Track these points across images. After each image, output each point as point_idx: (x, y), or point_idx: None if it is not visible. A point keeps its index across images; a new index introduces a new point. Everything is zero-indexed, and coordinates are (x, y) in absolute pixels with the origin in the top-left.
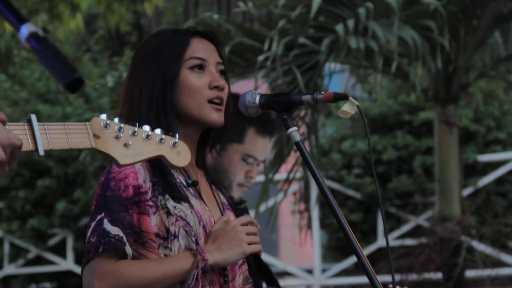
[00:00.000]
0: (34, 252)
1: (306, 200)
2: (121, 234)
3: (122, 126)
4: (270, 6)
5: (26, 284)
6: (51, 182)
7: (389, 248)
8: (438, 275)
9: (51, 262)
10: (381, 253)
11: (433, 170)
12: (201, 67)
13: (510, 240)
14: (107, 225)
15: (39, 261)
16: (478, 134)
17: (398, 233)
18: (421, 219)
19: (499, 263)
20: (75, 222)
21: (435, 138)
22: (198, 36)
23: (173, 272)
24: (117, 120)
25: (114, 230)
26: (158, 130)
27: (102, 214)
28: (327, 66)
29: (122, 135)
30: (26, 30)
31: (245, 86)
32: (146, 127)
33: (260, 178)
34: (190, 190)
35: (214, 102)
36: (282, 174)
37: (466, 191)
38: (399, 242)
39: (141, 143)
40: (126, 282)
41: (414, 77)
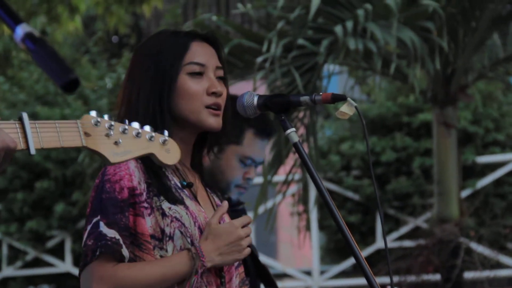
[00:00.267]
0: (32, 254)
1: (304, 202)
2: (117, 237)
3: (113, 123)
4: (269, 7)
5: (25, 286)
6: (50, 184)
7: (387, 249)
8: (437, 277)
9: (50, 264)
10: (379, 254)
11: (431, 171)
12: (199, 73)
13: (509, 241)
14: (104, 227)
15: (38, 263)
16: (476, 136)
17: (396, 234)
18: (419, 221)
19: (498, 265)
20: (74, 224)
21: (434, 139)
22: (198, 39)
23: (171, 274)
24: (107, 117)
25: (111, 233)
26: (148, 128)
27: (98, 217)
28: (326, 67)
29: (112, 133)
30: (21, 30)
31: (243, 88)
32: (136, 124)
33: (258, 179)
34: (185, 191)
35: (211, 108)
36: (280, 176)
37: (465, 193)
38: (398, 244)
39: (131, 141)
40: (125, 285)
41: (413, 78)
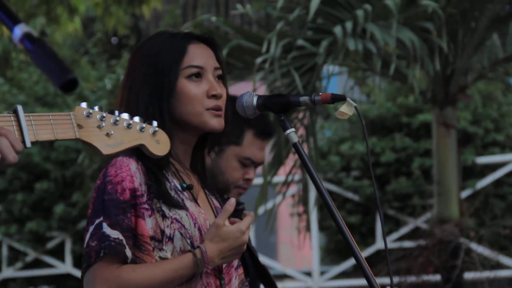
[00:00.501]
0: (32, 255)
1: (304, 202)
2: (120, 237)
3: (104, 115)
4: (268, 8)
5: (25, 287)
6: (49, 185)
7: (387, 250)
8: (437, 277)
9: (50, 265)
10: (379, 255)
11: (431, 172)
12: (198, 75)
13: (509, 242)
14: (107, 228)
15: (38, 264)
16: (476, 136)
17: (396, 235)
18: (419, 221)
19: (498, 265)
20: (74, 225)
21: (434, 140)
22: (196, 41)
23: (175, 277)
24: (97, 108)
25: (114, 234)
26: (137, 118)
27: (101, 218)
28: (325, 68)
29: (104, 125)
30: (19, 30)
31: (243, 89)
32: (126, 115)
33: (258, 180)
34: (185, 193)
35: (213, 109)
36: (280, 177)
37: (465, 193)
38: (398, 244)
39: (122, 132)
40: (129, 287)
41: (412, 79)
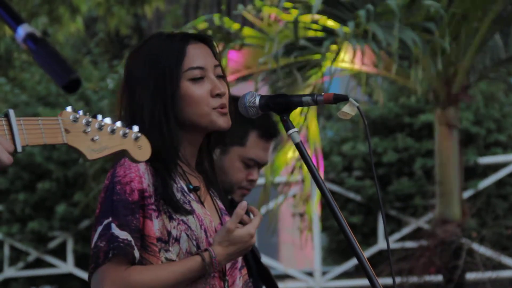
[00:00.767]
0: (34, 255)
1: (306, 202)
2: (129, 238)
3: (90, 120)
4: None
5: (26, 287)
6: (51, 185)
7: (389, 250)
8: (439, 278)
9: (51, 265)
10: (381, 255)
11: (433, 172)
12: (200, 76)
13: (511, 242)
14: (115, 229)
15: (39, 264)
16: (478, 137)
17: (398, 235)
18: (421, 222)
19: (500, 266)
20: (75, 225)
21: (436, 140)
22: (193, 41)
23: (183, 280)
24: (82, 113)
25: (123, 235)
26: (119, 123)
27: (110, 219)
28: (328, 68)
29: (89, 130)
30: (22, 30)
31: (245, 88)
32: (108, 120)
33: (260, 180)
34: (191, 195)
35: (219, 108)
36: (282, 177)
37: (467, 194)
38: (400, 245)
39: (106, 138)
40: None
41: (415, 79)
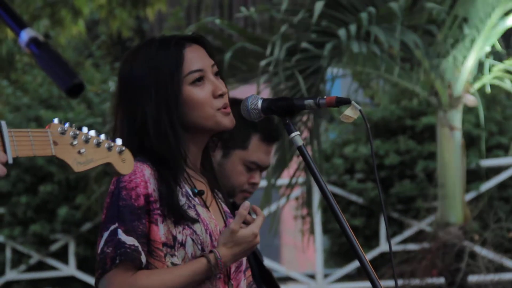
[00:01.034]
0: (36, 257)
1: (308, 205)
2: (136, 244)
3: (77, 133)
4: (273, 11)
5: None
6: (53, 188)
7: (392, 253)
8: (441, 280)
9: (53, 268)
10: (383, 258)
11: (435, 175)
12: (201, 79)
13: None
14: (122, 235)
15: (41, 266)
16: (480, 139)
17: (400, 238)
18: (423, 224)
19: (502, 268)
20: (77, 228)
21: (438, 143)
22: (187, 43)
23: (190, 283)
24: (68, 125)
25: (130, 240)
26: (103, 136)
27: (116, 224)
28: (330, 71)
29: (76, 142)
30: (26, 35)
31: (247, 91)
32: (93, 132)
33: (262, 183)
34: (196, 199)
35: (222, 108)
36: (284, 179)
37: (469, 196)
38: (402, 247)
39: (92, 150)
40: None
41: (417, 82)
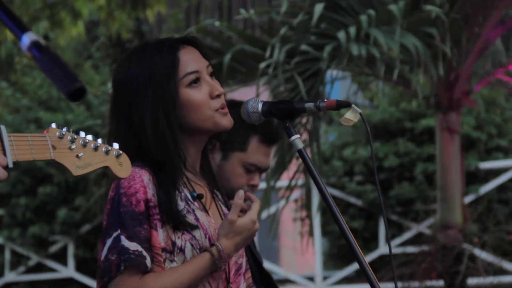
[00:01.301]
0: (35, 259)
1: (307, 207)
2: (139, 249)
3: (75, 137)
4: (272, 13)
5: None
6: (52, 189)
7: (392, 255)
8: (440, 283)
9: (52, 269)
10: (382, 260)
11: (434, 177)
12: (197, 80)
13: None
14: (125, 241)
15: (40, 268)
16: (479, 142)
17: (399, 240)
18: (422, 227)
19: (501, 271)
20: (76, 229)
21: (437, 145)
22: (181, 45)
23: (197, 279)
24: (65, 129)
25: (133, 246)
26: (100, 140)
27: (118, 231)
28: (329, 73)
29: (74, 146)
30: (27, 39)
31: (246, 93)
32: (90, 136)
33: (261, 185)
34: (195, 203)
35: (220, 108)
36: (283, 181)
37: (468, 199)
38: (401, 250)
39: (90, 154)
40: None
41: (416, 84)
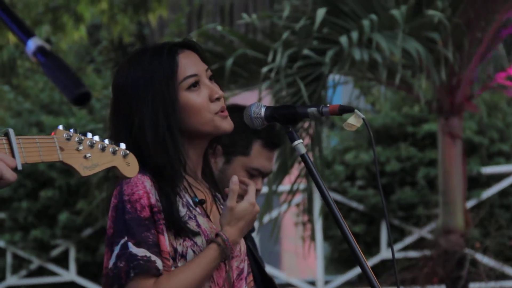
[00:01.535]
0: (36, 263)
1: (309, 211)
2: (148, 254)
3: (83, 138)
4: (274, 17)
5: None
6: (54, 193)
7: (394, 259)
8: None
9: (54, 273)
10: (384, 265)
11: (436, 182)
12: (196, 84)
13: None
14: (133, 248)
15: (42, 272)
16: (481, 146)
17: (401, 245)
18: (424, 231)
19: (503, 276)
20: (78, 233)
21: (439, 150)
22: (180, 50)
23: (209, 270)
24: (73, 131)
25: (141, 252)
26: (107, 141)
27: (125, 238)
28: (331, 77)
29: (82, 147)
30: (33, 44)
31: (248, 98)
32: (96, 137)
33: (263, 189)
34: (197, 209)
35: (220, 112)
36: (285, 186)
37: (470, 203)
38: (403, 254)
39: (97, 155)
40: None
41: (418, 89)
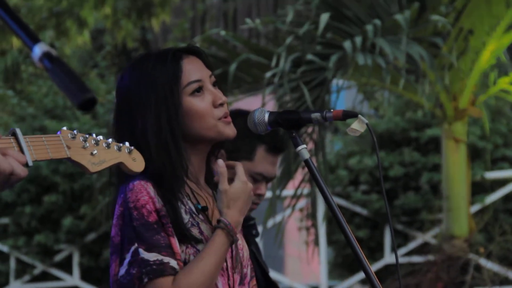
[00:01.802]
0: (40, 268)
1: (313, 216)
2: (159, 258)
3: (87, 136)
4: (278, 22)
5: None
6: (58, 198)
7: (398, 264)
8: None
9: (57, 278)
10: (387, 270)
11: (440, 187)
12: (200, 89)
13: None
14: (144, 253)
15: (45, 277)
16: (485, 151)
17: (405, 250)
18: (428, 236)
19: (507, 281)
20: (82, 238)
21: (442, 155)
22: (184, 55)
23: (222, 255)
24: (76, 131)
25: (152, 256)
26: (111, 139)
27: (136, 245)
28: (335, 82)
29: (87, 145)
30: (39, 49)
31: (252, 103)
32: (100, 136)
33: (267, 194)
34: (200, 216)
35: (223, 117)
36: (289, 190)
37: (474, 208)
38: (406, 259)
39: (103, 152)
40: None
41: (422, 94)
